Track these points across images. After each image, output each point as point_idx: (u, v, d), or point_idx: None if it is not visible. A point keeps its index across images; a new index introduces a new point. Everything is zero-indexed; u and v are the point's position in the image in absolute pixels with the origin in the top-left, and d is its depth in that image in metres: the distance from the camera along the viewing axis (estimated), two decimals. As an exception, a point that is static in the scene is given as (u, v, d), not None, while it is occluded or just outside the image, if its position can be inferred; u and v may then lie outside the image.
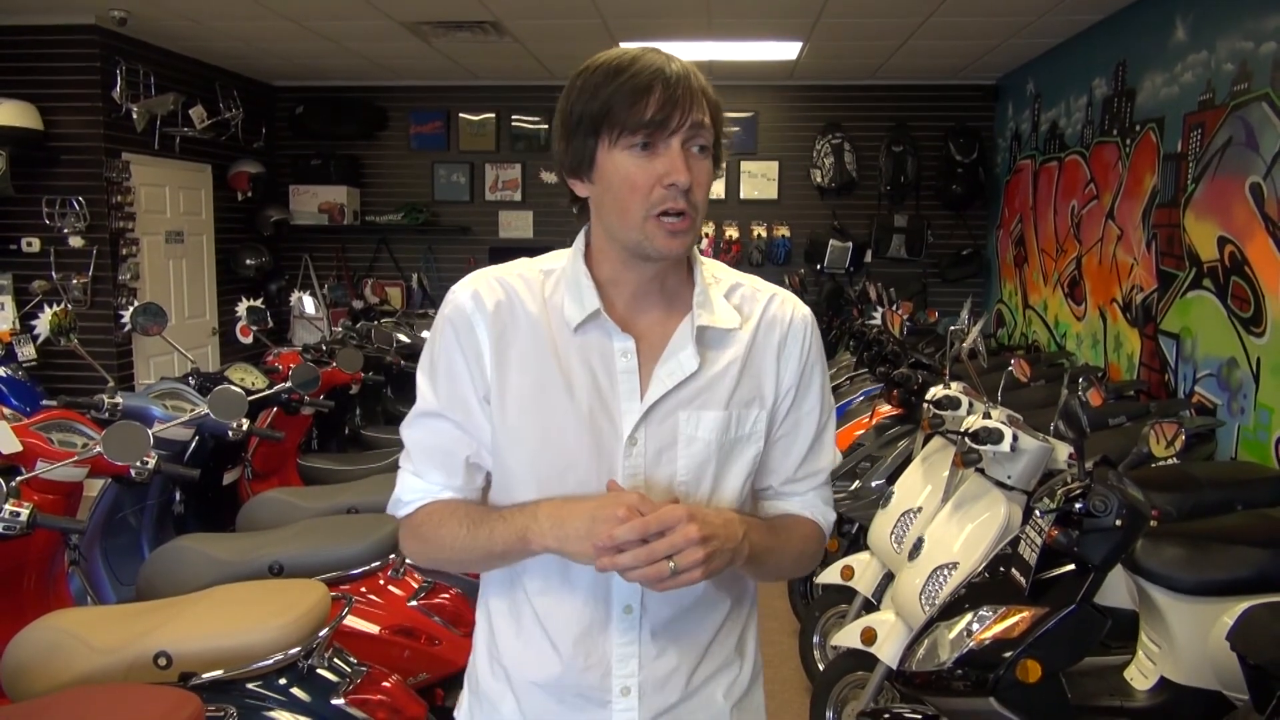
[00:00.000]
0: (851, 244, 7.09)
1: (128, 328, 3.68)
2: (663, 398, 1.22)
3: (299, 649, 2.04)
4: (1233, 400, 3.83)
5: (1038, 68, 6.27)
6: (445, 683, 2.62)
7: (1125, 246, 4.86)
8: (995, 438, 2.60)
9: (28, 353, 5.14)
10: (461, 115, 7.43)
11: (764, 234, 7.30)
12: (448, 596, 2.72)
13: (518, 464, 1.25)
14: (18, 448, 2.47)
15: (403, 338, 5.32)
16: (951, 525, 2.74)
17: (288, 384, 3.67)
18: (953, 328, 4.00)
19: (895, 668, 2.58)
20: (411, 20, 5.36)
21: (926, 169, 7.08)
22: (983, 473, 2.72)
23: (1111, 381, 4.69)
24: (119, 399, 3.03)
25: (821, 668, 3.21)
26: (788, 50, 6.09)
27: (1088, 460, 2.28)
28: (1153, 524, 2.27)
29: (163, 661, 1.98)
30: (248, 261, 6.94)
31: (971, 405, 3.01)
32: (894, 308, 5.53)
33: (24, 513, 2.16)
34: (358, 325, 5.39)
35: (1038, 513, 2.30)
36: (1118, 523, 2.12)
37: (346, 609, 2.22)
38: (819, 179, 7.16)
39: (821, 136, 7.12)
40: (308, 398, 3.76)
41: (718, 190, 7.19)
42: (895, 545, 2.99)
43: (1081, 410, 2.31)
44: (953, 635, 2.34)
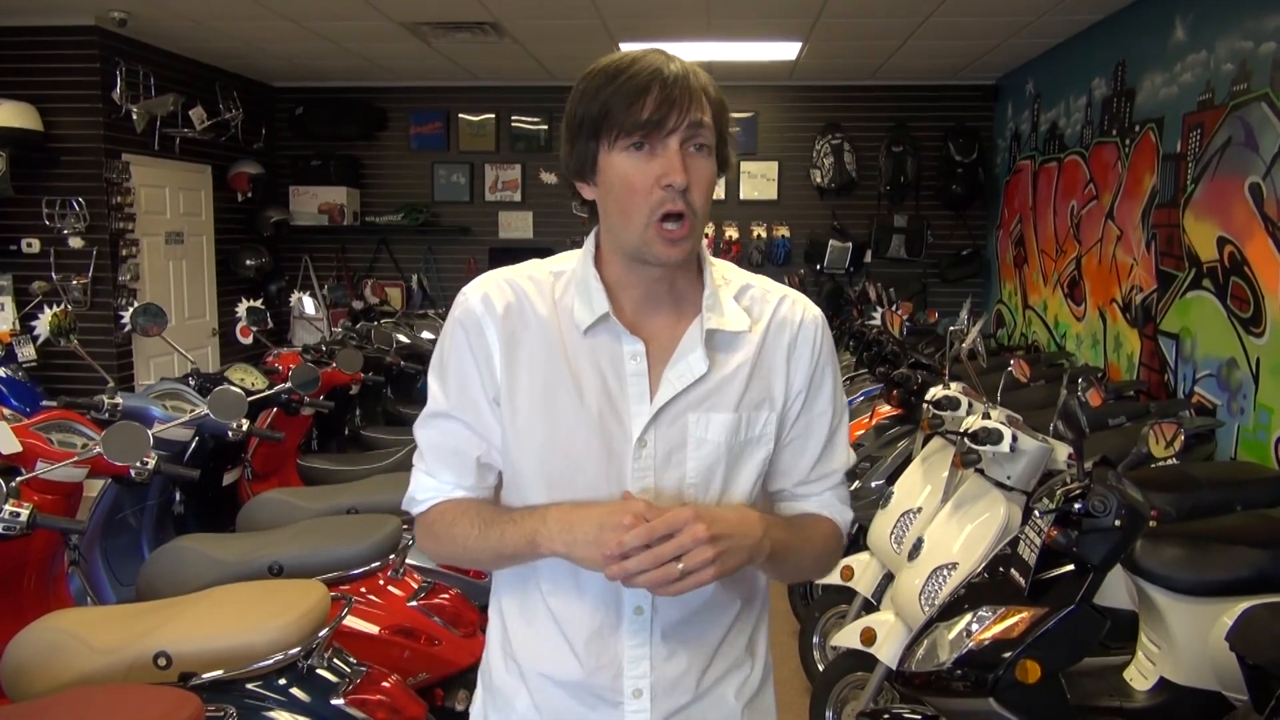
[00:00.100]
0: (851, 244, 7.09)
1: (128, 328, 3.68)
2: (672, 400, 1.23)
3: (299, 649, 2.04)
4: (1232, 400, 3.83)
5: (1037, 68, 6.27)
6: (445, 683, 2.62)
7: (1125, 247, 4.86)
8: (995, 438, 2.60)
9: (28, 353, 5.14)
10: (461, 116, 7.44)
11: (764, 234, 7.31)
12: (447, 597, 2.72)
13: (527, 465, 1.25)
14: (18, 448, 2.47)
15: (402, 338, 5.32)
16: (951, 526, 2.74)
17: (287, 384, 3.67)
18: (952, 328, 4.00)
19: (895, 668, 2.58)
20: (411, 21, 5.37)
21: (926, 169, 7.08)
22: (982, 473, 2.73)
23: (1111, 382, 4.69)
24: (119, 399, 3.04)
25: (821, 668, 3.21)
26: (787, 50, 6.09)
27: (1087, 461, 2.28)
28: (1152, 524, 2.27)
29: (162, 662, 1.98)
30: (248, 262, 6.94)
31: (971, 406, 3.01)
32: (894, 308, 5.53)
33: (24, 513, 2.16)
34: (357, 326, 5.39)
35: (1037, 513, 2.30)
36: (1117, 523, 2.12)
37: (346, 609, 2.22)
38: (819, 179, 7.16)
39: (821, 137, 7.12)
40: (307, 398, 3.76)
41: (717, 191, 7.16)
42: (895, 545, 2.99)
43: (1081, 411, 2.31)
44: (952, 636, 2.34)
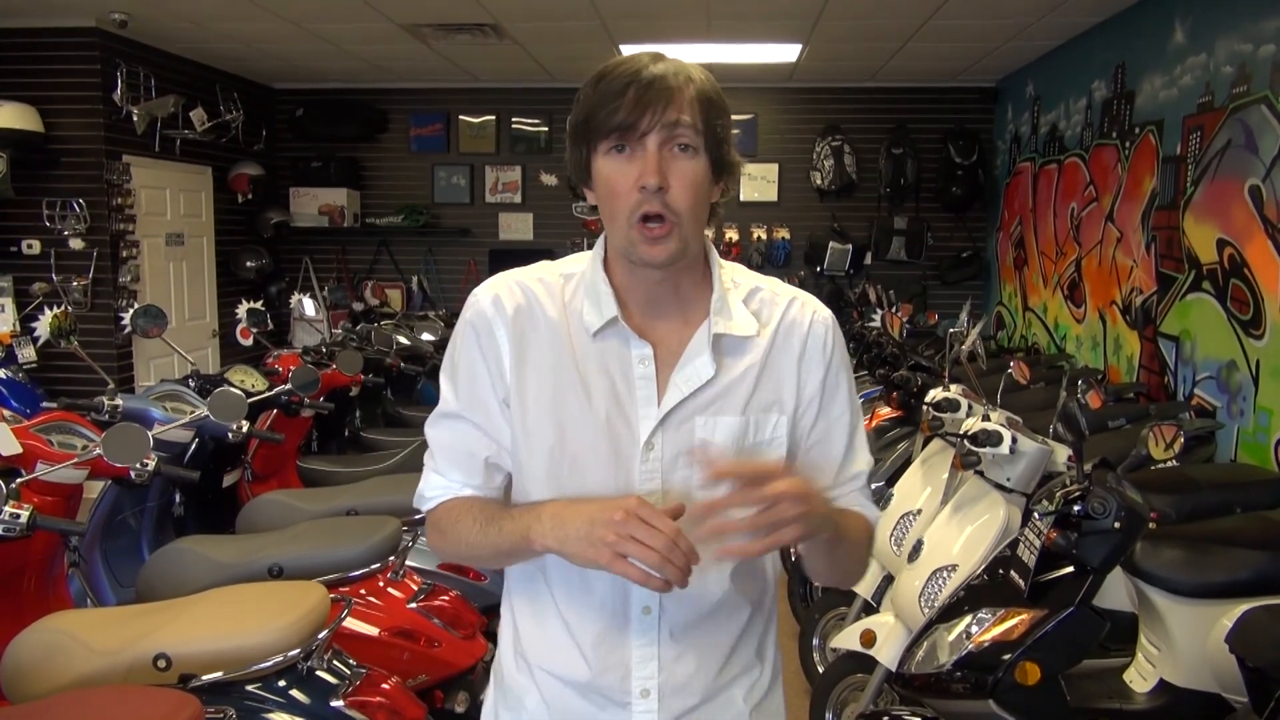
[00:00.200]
0: (851, 246, 7.09)
1: (128, 330, 3.68)
2: (679, 404, 1.23)
3: (298, 651, 2.04)
4: (1232, 403, 3.83)
5: (1037, 70, 6.28)
6: (444, 684, 2.62)
7: (1125, 249, 4.86)
8: (994, 440, 2.60)
9: (28, 355, 5.14)
10: (461, 117, 7.44)
11: (764, 236, 7.31)
12: (447, 599, 2.71)
13: (535, 466, 1.26)
14: (18, 450, 2.47)
15: (403, 340, 5.32)
16: (951, 527, 2.74)
17: (287, 386, 3.67)
18: (952, 330, 4.00)
19: (894, 670, 2.58)
20: (411, 22, 5.37)
21: (926, 171, 7.08)
22: (982, 475, 2.73)
23: (1111, 384, 4.69)
24: (119, 401, 3.04)
25: (821, 670, 3.21)
26: (787, 52, 6.09)
27: (1087, 462, 2.29)
28: (1151, 526, 2.27)
29: (162, 663, 1.98)
30: (248, 264, 6.94)
31: (971, 408, 3.01)
32: (894, 310, 5.53)
33: (24, 514, 2.16)
34: (358, 327, 5.39)
35: (1036, 515, 2.30)
36: (1116, 525, 2.13)
37: (346, 611, 2.22)
38: (819, 181, 7.16)
39: (821, 139, 7.13)
40: (307, 400, 3.76)
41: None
42: (895, 547, 2.99)
43: (1080, 412, 2.31)
44: (952, 637, 2.34)
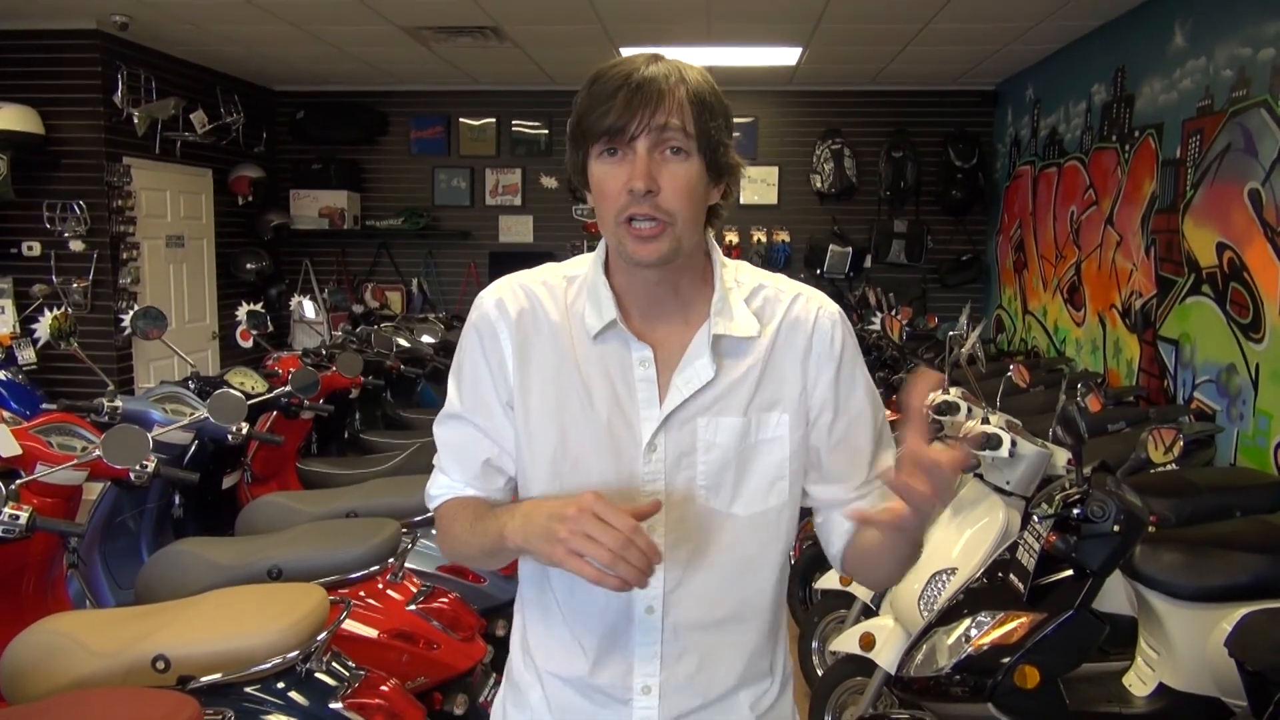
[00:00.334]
0: (851, 249, 7.10)
1: (128, 331, 3.68)
2: (681, 405, 1.23)
3: (297, 653, 2.04)
4: (1232, 406, 3.83)
5: (1037, 73, 6.29)
6: (443, 687, 2.62)
7: (1124, 252, 4.86)
8: (994, 443, 2.61)
9: (28, 356, 5.14)
10: (462, 120, 7.44)
11: (764, 239, 7.31)
12: (446, 601, 2.71)
13: (538, 468, 1.27)
14: (17, 451, 2.47)
15: (402, 342, 5.32)
16: (950, 530, 2.74)
17: (287, 388, 3.66)
18: (952, 333, 4.00)
19: (894, 673, 2.58)
20: (412, 25, 5.37)
21: (926, 174, 7.08)
22: (981, 478, 2.73)
23: (1110, 387, 4.69)
24: (119, 402, 3.04)
25: (820, 673, 3.20)
26: (787, 56, 6.10)
27: (1086, 466, 2.29)
28: (1151, 530, 2.27)
29: (161, 665, 1.97)
30: (248, 266, 6.94)
31: (970, 411, 3.01)
32: (893, 313, 5.54)
33: (23, 516, 2.16)
34: (357, 329, 5.39)
35: (1036, 518, 2.31)
36: (1116, 528, 2.13)
37: (345, 613, 2.22)
38: (819, 184, 7.16)
39: (821, 142, 7.14)
40: (307, 402, 3.76)
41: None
42: (894, 550, 2.98)
43: (1080, 416, 2.32)
44: (951, 641, 2.34)
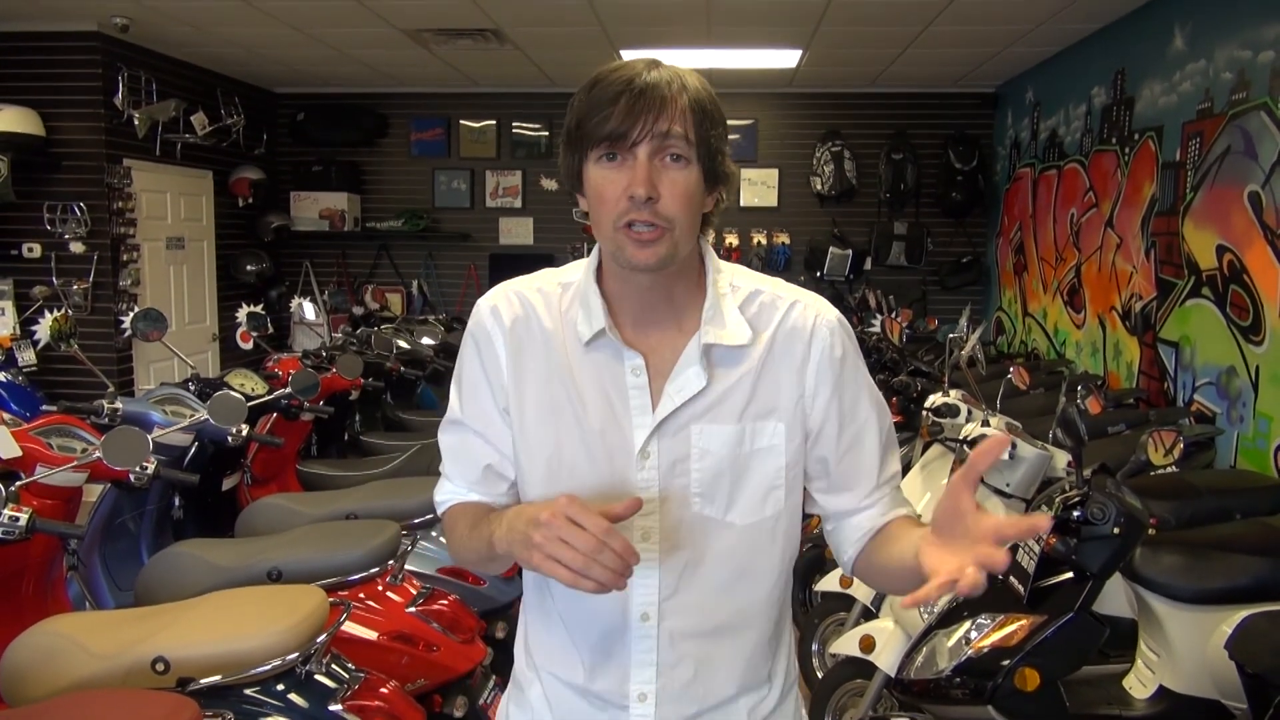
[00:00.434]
0: (851, 251, 7.10)
1: (128, 333, 3.68)
2: (674, 413, 1.22)
3: (297, 655, 2.04)
4: (1232, 409, 3.83)
5: (1037, 76, 6.29)
6: (443, 689, 2.61)
7: (1124, 255, 4.86)
8: (994, 445, 2.60)
9: (28, 358, 5.14)
10: (462, 122, 7.45)
11: (764, 241, 7.31)
12: (446, 603, 2.71)
13: (535, 474, 1.27)
14: (17, 453, 2.47)
15: (403, 344, 5.32)
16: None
17: (287, 390, 3.66)
18: (952, 335, 4.01)
19: (894, 676, 2.58)
20: (413, 28, 5.38)
21: (926, 177, 7.09)
22: (981, 480, 2.72)
23: (1110, 390, 4.69)
24: (119, 404, 3.03)
25: (820, 675, 3.20)
26: (787, 58, 6.10)
27: (1086, 468, 2.29)
28: (1151, 532, 2.27)
29: (160, 667, 1.97)
30: (248, 267, 6.95)
31: (970, 413, 3.02)
32: (893, 315, 5.55)
33: (23, 518, 2.16)
34: (358, 331, 5.39)
35: (1036, 521, 2.30)
36: (1116, 530, 2.13)
37: (345, 615, 2.22)
38: (819, 186, 7.17)
39: (821, 144, 7.14)
40: (307, 403, 3.76)
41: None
42: (894, 553, 2.98)
43: (1080, 418, 2.32)
44: (951, 643, 2.34)
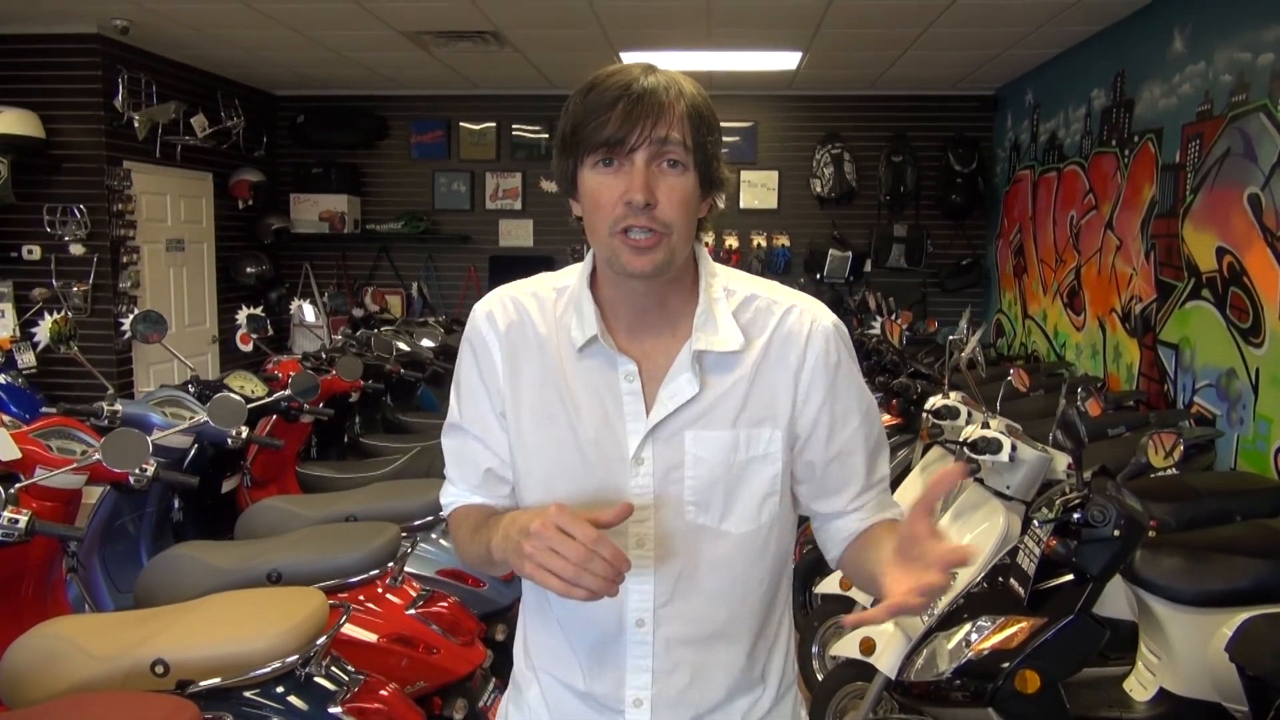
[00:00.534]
0: (851, 253, 7.10)
1: (128, 335, 3.67)
2: (667, 419, 1.22)
3: (296, 657, 2.04)
4: (1232, 411, 3.83)
5: (1036, 78, 6.29)
6: (443, 691, 2.61)
7: (1124, 257, 4.86)
8: (994, 448, 2.60)
9: (27, 360, 5.14)
10: (462, 124, 7.45)
11: (764, 243, 7.32)
12: (446, 605, 2.71)
13: (532, 478, 1.28)
14: (17, 455, 2.46)
15: (403, 346, 5.32)
16: (950, 535, 2.73)
17: (287, 392, 3.66)
18: (952, 337, 4.01)
19: (894, 678, 2.58)
20: (413, 30, 5.38)
21: (926, 179, 7.09)
22: (981, 483, 2.73)
23: (1110, 392, 4.69)
24: (118, 406, 3.03)
25: (820, 678, 3.20)
26: (787, 60, 6.11)
27: (1086, 470, 2.29)
28: (1151, 534, 2.27)
29: (160, 669, 1.97)
30: (248, 269, 6.95)
31: (970, 415, 3.02)
32: (893, 317, 5.55)
33: (22, 520, 2.16)
34: (358, 333, 5.39)
35: (1036, 523, 2.31)
36: (1116, 533, 2.13)
37: (344, 617, 2.21)
38: (819, 189, 7.17)
39: (821, 146, 7.14)
40: (307, 406, 3.75)
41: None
42: (894, 555, 2.98)
43: (1080, 420, 2.32)
44: (951, 645, 2.34)
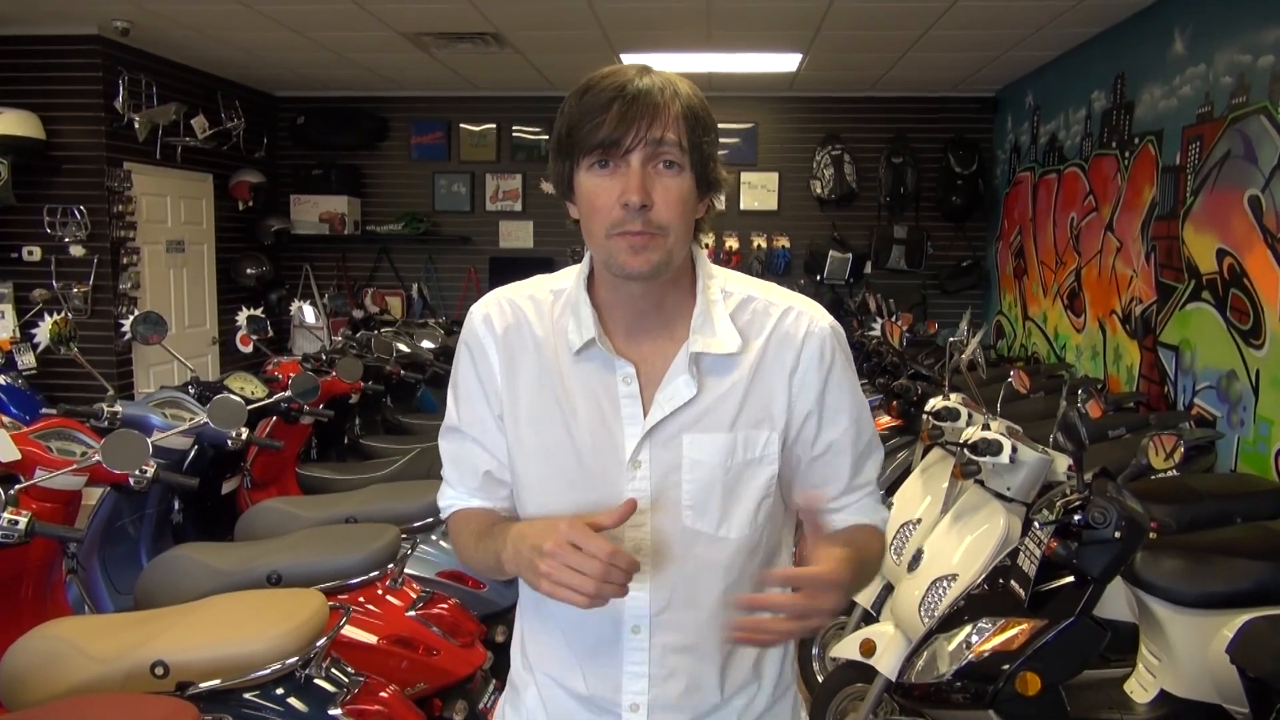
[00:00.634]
0: (851, 255, 7.10)
1: (128, 336, 3.67)
2: (664, 421, 1.22)
3: (296, 659, 2.03)
4: (1232, 412, 3.83)
5: (1037, 80, 6.29)
6: (443, 693, 2.61)
7: (1124, 258, 4.86)
8: (994, 449, 2.60)
9: (27, 361, 5.13)
10: (462, 126, 7.46)
11: (764, 245, 7.31)
12: (446, 607, 2.71)
13: (529, 481, 1.28)
14: (16, 456, 2.46)
15: (402, 347, 5.32)
16: (951, 537, 2.73)
17: (287, 393, 3.66)
18: (952, 339, 4.01)
19: (894, 680, 2.57)
20: (413, 31, 5.38)
21: (926, 180, 7.09)
22: (982, 484, 2.72)
23: (1111, 393, 4.69)
24: (118, 407, 3.03)
25: (820, 679, 3.20)
26: (788, 62, 6.11)
27: (1087, 472, 2.29)
28: (1152, 536, 2.27)
29: (160, 671, 1.97)
30: (248, 271, 6.95)
31: (971, 417, 3.01)
32: (894, 319, 5.55)
33: (22, 521, 2.16)
34: (357, 335, 5.38)
35: (1037, 524, 2.31)
36: (1117, 535, 2.13)
37: (344, 619, 2.21)
38: (819, 190, 7.17)
39: (821, 148, 7.14)
40: (307, 407, 3.75)
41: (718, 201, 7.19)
42: (894, 557, 2.98)
43: (1081, 422, 2.31)
44: (952, 647, 2.34)
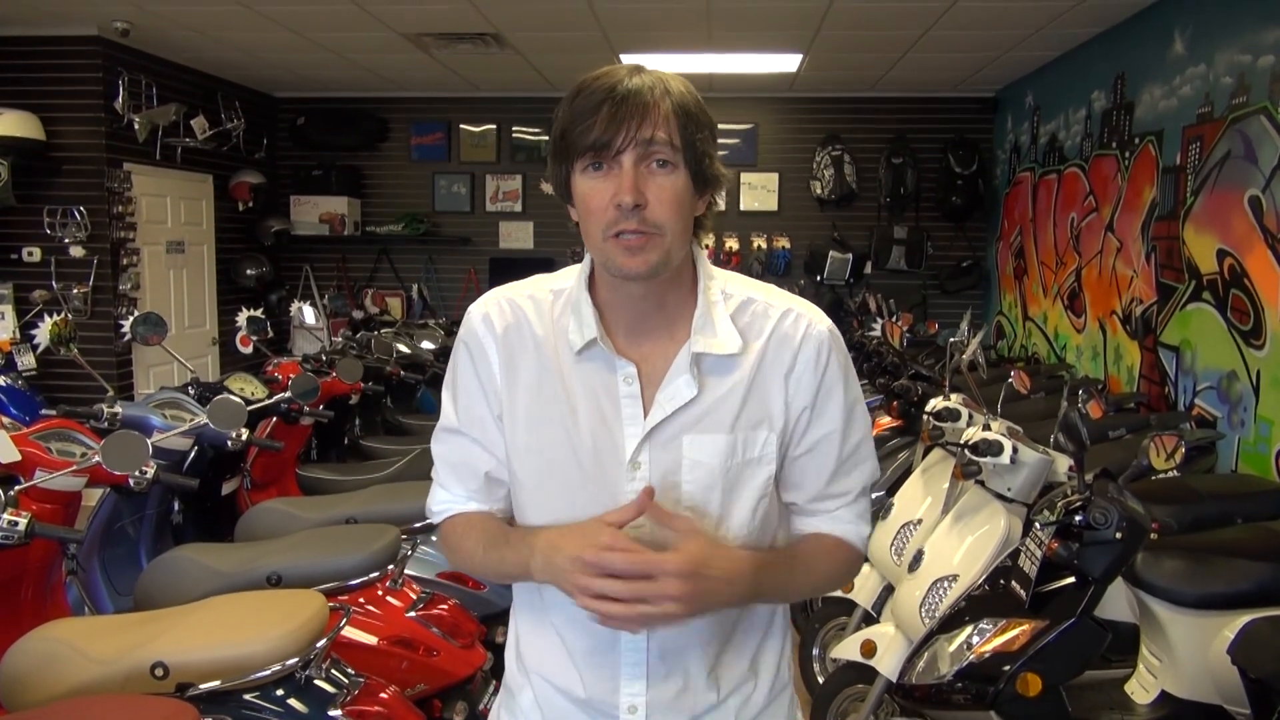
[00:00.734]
0: (851, 255, 7.10)
1: (128, 337, 3.67)
2: (664, 422, 1.22)
3: (296, 660, 2.03)
4: (1233, 413, 3.83)
5: (1037, 80, 6.29)
6: (443, 694, 2.61)
7: (1125, 259, 4.86)
8: (995, 450, 2.60)
9: (27, 362, 5.14)
10: (462, 126, 7.46)
11: (764, 245, 7.32)
12: (446, 608, 2.71)
13: (529, 482, 1.27)
14: (16, 457, 2.46)
15: (403, 348, 5.31)
16: (951, 537, 2.73)
17: (287, 394, 3.66)
18: (952, 339, 4.01)
19: (895, 681, 2.57)
20: (413, 32, 5.38)
21: (926, 181, 7.09)
22: (983, 485, 2.72)
23: (1111, 394, 4.69)
24: (118, 408, 3.03)
25: (821, 680, 3.20)
26: (788, 62, 6.11)
27: (1088, 473, 2.29)
28: (1153, 537, 2.27)
29: (160, 672, 1.97)
30: (248, 271, 6.95)
31: (971, 417, 3.01)
32: (894, 319, 5.55)
33: (22, 522, 2.15)
34: (358, 335, 5.38)
35: (1038, 525, 2.30)
36: (1118, 535, 2.13)
37: (344, 620, 2.21)
38: (819, 190, 7.17)
39: (821, 148, 7.15)
40: (307, 408, 3.75)
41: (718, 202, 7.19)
42: (895, 557, 2.98)
43: (1081, 422, 2.31)
44: (953, 648, 2.34)
